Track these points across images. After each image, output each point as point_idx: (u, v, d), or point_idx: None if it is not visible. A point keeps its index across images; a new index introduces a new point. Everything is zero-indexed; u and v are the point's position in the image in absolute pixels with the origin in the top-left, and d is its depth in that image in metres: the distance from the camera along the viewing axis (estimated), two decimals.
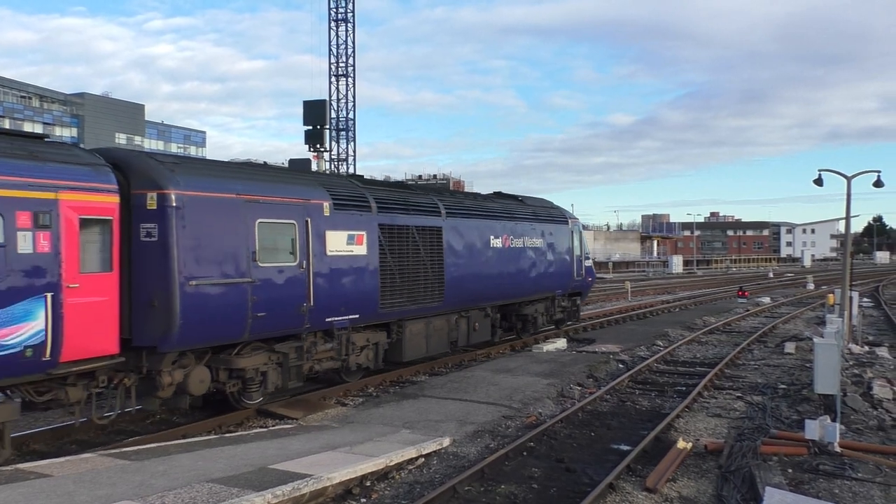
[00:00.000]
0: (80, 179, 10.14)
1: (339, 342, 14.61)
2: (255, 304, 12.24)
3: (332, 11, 47.81)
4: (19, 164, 9.46)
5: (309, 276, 13.43)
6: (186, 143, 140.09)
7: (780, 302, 40.18)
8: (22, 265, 9.37)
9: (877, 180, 23.81)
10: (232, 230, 11.94)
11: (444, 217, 17.82)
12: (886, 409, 13.77)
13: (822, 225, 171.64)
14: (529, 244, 21.70)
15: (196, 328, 11.30)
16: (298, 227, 13.27)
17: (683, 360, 20.32)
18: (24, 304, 9.39)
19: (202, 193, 11.58)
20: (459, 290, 18.13)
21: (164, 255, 10.96)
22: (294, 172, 16.17)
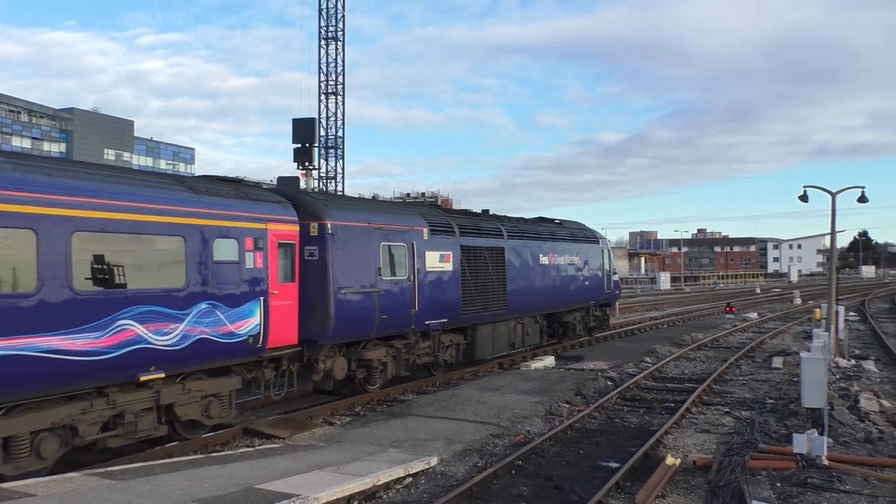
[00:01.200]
0: (278, 214, 13.69)
1: (434, 341, 18.12)
2: (381, 309, 15.75)
3: (323, 30, 48.02)
4: (247, 205, 13.04)
5: (414, 288, 16.90)
6: (175, 160, 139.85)
7: (767, 317, 40.35)
8: (248, 276, 12.80)
9: (861, 196, 24.03)
10: (366, 251, 15.50)
11: (505, 239, 21.36)
12: (873, 422, 13.83)
13: (808, 240, 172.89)
14: (569, 261, 25.22)
15: (343, 326, 14.76)
16: (407, 249, 16.84)
17: (672, 377, 20.34)
18: (249, 304, 12.78)
19: (347, 223, 15.11)
20: (518, 300, 21.51)
21: (322, 270, 14.44)
22: (400, 205, 19.85)
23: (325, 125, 48.49)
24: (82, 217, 10.09)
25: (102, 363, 10.31)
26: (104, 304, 10.33)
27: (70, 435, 10.38)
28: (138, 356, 10.83)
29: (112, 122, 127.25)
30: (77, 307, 9.94)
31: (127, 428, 11.09)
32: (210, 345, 12.00)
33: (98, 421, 10.74)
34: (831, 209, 24.24)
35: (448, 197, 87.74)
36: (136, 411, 11.23)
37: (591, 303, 27.24)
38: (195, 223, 11.90)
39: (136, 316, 10.78)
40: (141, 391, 11.27)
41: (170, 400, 11.74)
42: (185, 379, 12.04)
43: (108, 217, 10.45)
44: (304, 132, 46.86)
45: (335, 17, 47.88)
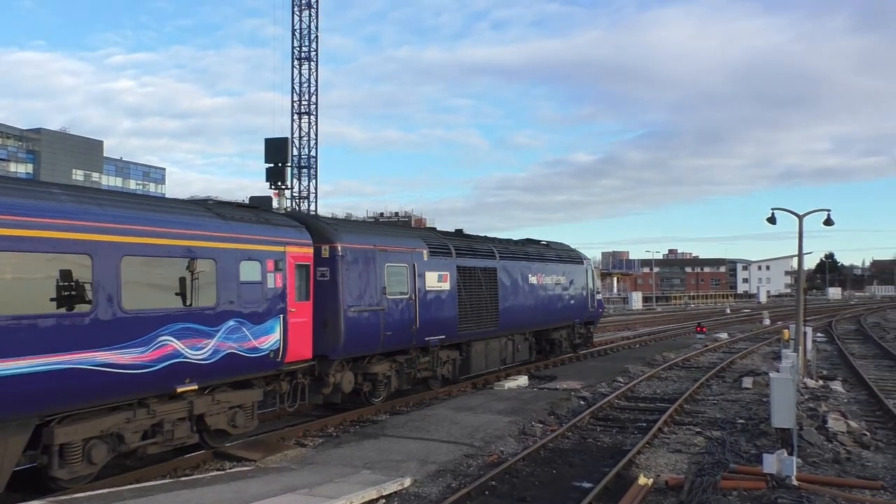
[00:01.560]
0: (295, 237, 14.68)
1: (433, 356, 19.20)
2: (385, 326, 16.83)
3: (296, 50, 48.07)
4: (268, 229, 14.04)
5: (415, 306, 17.96)
6: (146, 180, 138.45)
7: (737, 337, 40.79)
8: (269, 296, 13.71)
9: (827, 219, 24.50)
10: (372, 271, 16.58)
11: (497, 260, 22.55)
12: (841, 442, 14.01)
13: (776, 262, 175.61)
14: (556, 281, 26.51)
15: (352, 342, 15.83)
16: (409, 269, 17.88)
17: (644, 396, 20.46)
18: (270, 322, 13.67)
19: (354, 245, 16.16)
20: (509, 318, 22.70)
21: (333, 290, 15.48)
22: (402, 228, 20.63)
23: (298, 145, 48.42)
24: (131, 243, 11.07)
25: (146, 376, 11.22)
26: (148, 322, 11.27)
27: (117, 442, 11.26)
28: (176, 369, 11.71)
29: (80, 142, 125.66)
30: (125, 325, 10.87)
31: (165, 436, 11.98)
32: (237, 359, 12.94)
33: (140, 429, 11.57)
34: (798, 231, 24.68)
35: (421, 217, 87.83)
36: (173, 420, 12.10)
37: (576, 321, 28.60)
38: (224, 247, 12.87)
39: (174, 332, 11.69)
40: (176, 402, 12.13)
41: (201, 410, 12.61)
42: (214, 391, 12.90)
43: (153, 243, 11.42)
44: (276, 152, 46.63)
45: (308, 37, 48.00)
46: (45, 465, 10.33)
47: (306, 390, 15.36)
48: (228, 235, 13.00)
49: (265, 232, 13.97)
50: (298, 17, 47.93)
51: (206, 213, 12.97)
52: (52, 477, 10.45)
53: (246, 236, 13.43)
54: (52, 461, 10.31)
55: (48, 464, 10.33)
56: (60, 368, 9.84)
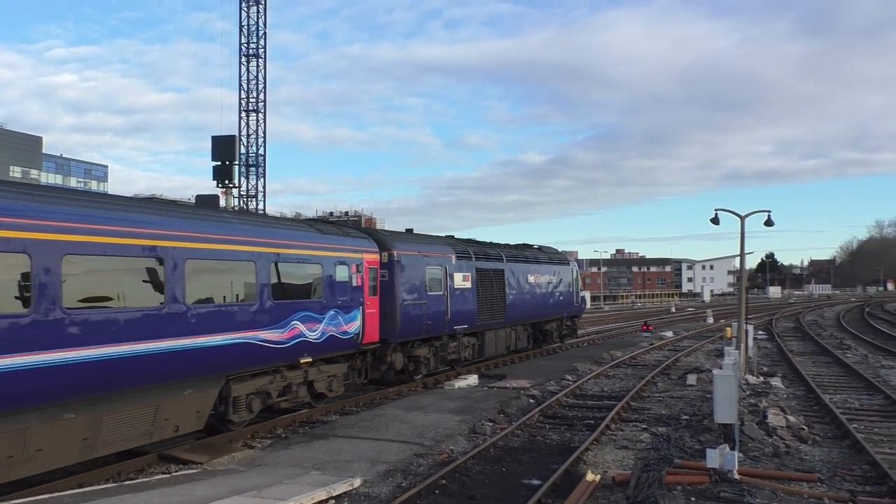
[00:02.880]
0: (367, 246, 18.75)
1: (458, 342, 23.38)
2: (427, 317, 20.90)
3: (244, 46, 47.37)
4: (351, 240, 18.18)
5: (447, 300, 22.07)
6: (87, 178, 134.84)
7: (682, 335, 41.65)
8: (354, 292, 17.67)
9: (768, 219, 25.21)
10: (417, 273, 20.62)
11: (505, 262, 26.71)
12: (780, 437, 14.44)
13: (719, 261, 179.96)
14: (548, 280, 30.68)
15: (404, 329, 19.88)
16: (442, 270, 22.03)
17: (592, 394, 20.75)
18: (354, 311, 17.60)
19: (406, 252, 20.20)
20: (513, 312, 26.92)
21: (392, 288, 19.44)
22: (437, 236, 24.88)
23: (246, 143, 47.75)
24: (279, 252, 15.11)
25: (283, 350, 15.01)
26: (285, 309, 15.07)
27: (265, 397, 15.16)
28: (300, 346, 15.59)
29: (19, 137, 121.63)
30: (273, 311, 14.66)
31: (292, 395, 16.02)
32: (335, 340, 16.90)
33: (277, 389, 15.48)
34: (740, 232, 25.35)
35: (372, 216, 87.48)
36: (297, 384, 16.04)
37: (564, 314, 33.11)
38: (326, 255, 16.79)
39: (300, 318, 15.52)
40: (298, 371, 16.02)
41: (312, 378, 16.59)
42: (318, 364, 16.66)
43: (287, 252, 15.37)
44: (223, 150, 45.96)
45: (256, 34, 47.35)
46: (223, 412, 14.11)
47: (368, 367, 19.29)
48: (327, 246, 16.98)
49: (349, 242, 18.07)
50: (246, 12, 47.27)
51: (311, 229, 17.12)
52: (228, 420, 14.31)
53: (338, 246, 17.41)
54: (228, 409, 14.20)
55: (226, 411, 14.16)
56: (240, 342, 13.71)
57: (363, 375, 19.10)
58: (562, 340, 33.50)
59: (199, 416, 13.35)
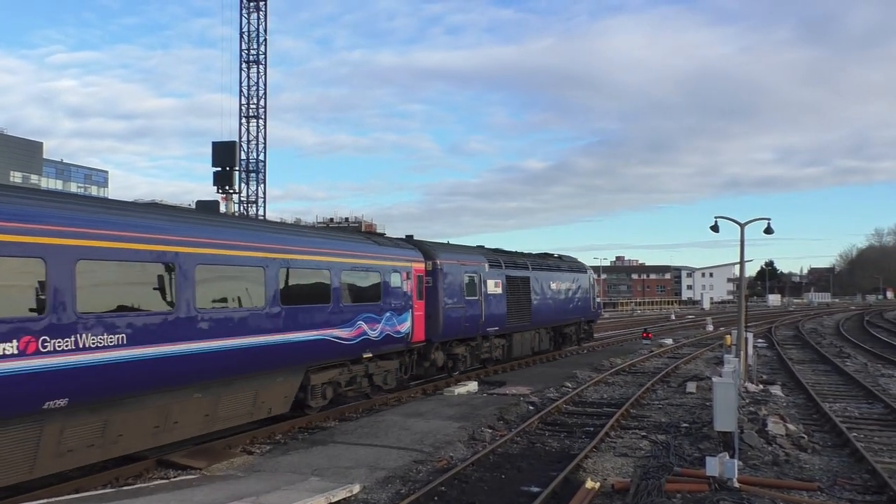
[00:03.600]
0: (415, 256, 21.05)
1: (490, 343, 25.74)
2: (465, 319, 23.23)
3: (244, 53, 47.52)
4: (402, 251, 20.54)
5: (482, 304, 24.42)
6: (87, 183, 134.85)
7: (681, 343, 41.61)
8: (405, 296, 19.98)
9: (767, 227, 25.21)
10: (457, 279, 22.96)
11: (530, 270, 29.16)
12: (780, 445, 14.41)
13: (719, 269, 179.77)
14: (568, 287, 33.30)
15: (446, 330, 22.29)
16: (477, 277, 24.30)
17: (591, 401, 20.72)
18: (405, 314, 19.89)
19: (447, 261, 22.55)
20: (537, 316, 29.44)
21: (435, 293, 21.66)
22: (472, 247, 27.05)
23: (247, 149, 47.83)
24: (348, 262, 17.56)
25: (351, 346, 17.44)
26: (352, 311, 17.47)
27: (336, 386, 17.68)
28: (364, 343, 17.94)
29: (19, 143, 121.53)
30: (343, 313, 17.07)
31: (356, 385, 18.58)
32: (390, 338, 19.19)
33: (345, 380, 17.96)
34: (740, 239, 25.36)
35: (372, 222, 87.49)
36: (360, 376, 18.49)
37: (582, 319, 35.84)
38: (383, 264, 19.15)
39: (363, 319, 17.87)
40: (360, 364, 18.42)
41: (371, 371, 18.96)
42: (376, 359, 18.98)
43: (354, 262, 17.85)
44: (224, 155, 46.05)
45: (257, 40, 47.55)
46: (303, 398, 16.47)
47: (413, 364, 21.54)
48: (383, 255, 19.33)
49: (400, 253, 20.37)
50: (247, 19, 47.45)
51: (370, 241, 19.57)
52: (307, 405, 16.69)
53: (392, 256, 19.73)
54: (307, 395, 16.56)
55: (305, 397, 16.51)
56: (318, 339, 16.07)
57: (408, 371, 21.27)
58: (579, 343, 36.10)
59: (286, 400, 15.90)
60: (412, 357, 21.31)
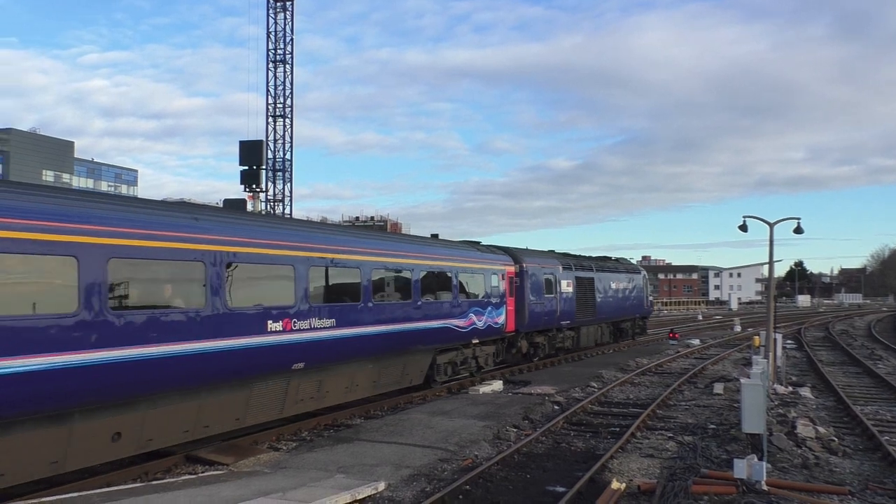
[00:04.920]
0: (507, 261, 25.29)
1: (563, 334, 30.32)
2: (544, 313, 27.62)
3: (271, 52, 47.89)
4: (497, 256, 24.77)
5: (557, 301, 28.80)
6: (117, 182, 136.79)
7: (708, 344, 41.21)
8: (501, 293, 24.21)
9: (797, 227, 24.87)
10: (538, 279, 27.26)
11: (594, 272, 33.76)
12: (810, 448, 14.21)
13: (747, 269, 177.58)
14: (625, 286, 37.81)
15: (530, 322, 26.43)
16: (554, 278, 28.68)
17: (617, 402, 20.60)
18: (501, 308, 24.02)
19: (531, 265, 26.85)
20: (601, 311, 33.98)
21: (522, 291, 25.80)
22: (549, 252, 30.95)
23: (273, 148, 48.18)
24: (463, 266, 22.18)
25: (464, 334, 21.94)
26: (466, 306, 21.89)
27: (454, 366, 21.97)
28: (473, 331, 22.39)
29: (51, 142, 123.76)
30: (460, 307, 21.62)
31: (467, 365, 22.84)
32: (491, 328, 23.59)
33: (459, 360, 22.26)
34: (769, 239, 25.04)
35: (397, 221, 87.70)
36: (469, 357, 22.91)
37: (636, 315, 40.54)
38: (486, 267, 23.69)
39: (473, 312, 22.28)
40: (469, 349, 22.74)
41: (476, 355, 23.35)
42: (479, 345, 23.40)
43: (467, 266, 22.38)
44: (251, 155, 46.50)
45: (284, 40, 47.89)
46: (431, 375, 20.88)
47: (503, 351, 25.71)
48: (485, 260, 23.96)
49: (497, 258, 24.84)
50: (274, 19, 47.80)
51: (474, 249, 23.99)
52: (434, 379, 21.05)
53: (491, 260, 24.26)
54: (434, 371, 20.98)
55: (432, 373, 20.90)
56: (443, 327, 20.68)
57: (499, 356, 25.43)
58: (633, 337, 40.53)
59: (421, 373, 20.40)
60: (504, 344, 25.72)
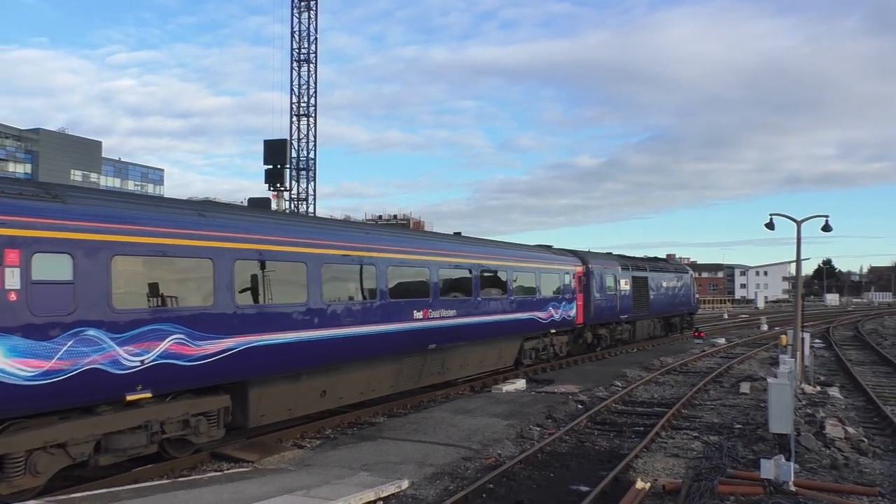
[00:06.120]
0: (576, 263, 29.21)
1: (622, 327, 34.28)
2: (606, 308, 31.29)
3: (295, 52, 48.10)
4: (568, 258, 28.98)
5: (617, 297, 32.61)
6: (144, 181, 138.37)
7: (734, 343, 40.79)
8: (572, 289, 28.21)
9: (825, 225, 24.54)
10: (601, 278, 30.78)
11: (647, 272, 37.44)
12: (839, 448, 14.01)
13: (774, 267, 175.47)
14: (674, 285, 41.85)
15: (595, 316, 30.13)
16: (614, 277, 32.40)
17: (641, 401, 20.46)
18: (572, 303, 28.10)
19: (595, 266, 30.42)
20: (653, 307, 37.94)
21: (588, 288, 29.50)
22: (609, 254, 35.60)
23: (297, 147, 48.41)
24: (544, 267, 26.05)
25: (544, 324, 25.72)
26: (546, 301, 25.73)
27: (537, 352, 26.24)
28: (551, 322, 26.26)
29: (79, 142, 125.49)
30: (542, 302, 25.35)
31: (546, 352, 26.98)
32: (565, 320, 27.47)
33: (540, 347, 26.45)
34: (796, 237, 24.72)
35: (420, 219, 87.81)
36: (548, 345, 27.05)
37: (684, 311, 44.57)
38: (561, 268, 27.49)
39: (551, 306, 26.08)
40: (548, 338, 26.93)
41: (553, 343, 27.54)
42: (554, 335, 27.43)
43: (546, 267, 26.25)
44: (275, 153, 46.70)
45: (307, 39, 48.05)
46: (520, 358, 24.97)
47: (572, 341, 29.45)
48: (559, 261, 27.79)
49: (568, 259, 28.74)
50: (297, 18, 47.98)
51: (549, 252, 28.13)
52: (521, 362, 25.15)
53: (563, 262, 28.07)
54: (521, 356, 25.09)
55: (519, 358, 24.91)
56: (529, 318, 24.48)
57: (569, 345, 29.17)
58: (681, 331, 44.10)
59: (512, 357, 24.50)
60: (573, 335, 29.37)
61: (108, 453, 11.07)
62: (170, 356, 11.41)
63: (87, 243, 10.39)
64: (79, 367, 10.13)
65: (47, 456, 10.22)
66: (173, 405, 11.95)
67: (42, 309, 9.73)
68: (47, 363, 9.76)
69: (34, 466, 10.06)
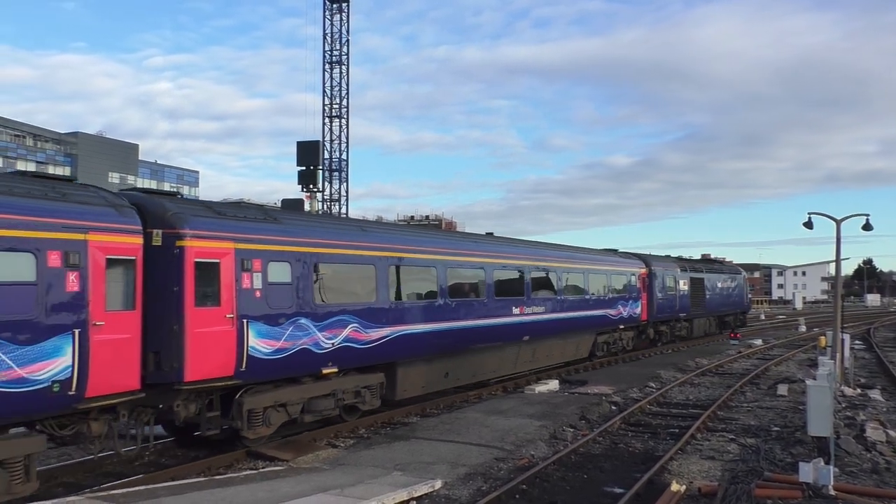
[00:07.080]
0: (640, 265, 32.36)
1: (681, 324, 36.86)
2: (667, 307, 34.43)
3: (328, 54, 48.48)
4: (631, 260, 32.12)
5: (677, 297, 35.38)
6: (179, 183, 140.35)
7: (772, 344, 40.18)
8: (637, 291, 31.34)
9: (866, 223, 24.05)
10: (662, 279, 33.78)
11: (704, 273, 39.88)
12: (880, 452, 13.72)
13: (812, 267, 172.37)
14: (728, 285, 44.25)
15: (657, 314, 33.24)
16: (674, 278, 35.13)
17: (676, 402, 20.25)
18: (637, 302, 31.41)
19: (658, 267, 33.69)
20: (709, 306, 40.40)
21: (651, 288, 32.61)
22: (669, 256, 39.59)
23: (330, 148, 48.77)
24: (613, 269, 29.05)
25: (614, 320, 28.69)
26: (615, 300, 28.66)
27: (609, 346, 29.40)
28: (620, 319, 29.09)
29: (116, 145, 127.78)
30: (612, 300, 28.40)
31: (616, 346, 29.99)
32: (631, 317, 30.05)
33: (611, 341, 29.42)
34: (836, 236, 24.26)
35: (452, 220, 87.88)
36: (617, 339, 29.90)
37: (737, 311, 46.63)
38: (627, 270, 30.44)
39: (619, 304, 28.96)
40: (617, 332, 29.73)
41: (622, 337, 30.36)
42: (623, 330, 30.30)
43: (614, 269, 29.25)
44: (308, 155, 47.11)
45: (340, 41, 48.42)
46: (593, 351, 27.99)
47: (637, 336, 32.09)
48: (626, 263, 30.76)
49: (633, 262, 31.54)
50: (330, 21, 48.37)
51: (617, 255, 30.88)
52: (594, 354, 28.01)
53: (629, 264, 31.01)
54: (595, 349, 28.09)
55: (593, 351, 27.98)
56: (601, 315, 27.47)
57: (635, 340, 31.67)
58: (733, 329, 45.58)
59: (587, 349, 27.21)
60: (637, 331, 31.91)
61: (310, 414, 14.20)
62: (349, 340, 14.73)
63: (299, 254, 13.73)
64: (296, 346, 13.40)
65: (275, 412, 13.33)
66: (348, 378, 15.12)
67: (275, 303, 12.95)
68: (278, 343, 13.01)
69: (269, 419, 13.22)
